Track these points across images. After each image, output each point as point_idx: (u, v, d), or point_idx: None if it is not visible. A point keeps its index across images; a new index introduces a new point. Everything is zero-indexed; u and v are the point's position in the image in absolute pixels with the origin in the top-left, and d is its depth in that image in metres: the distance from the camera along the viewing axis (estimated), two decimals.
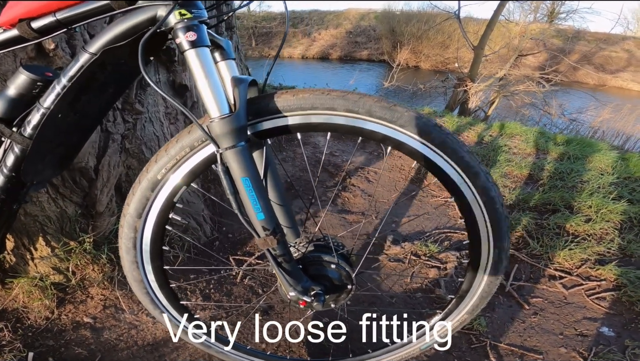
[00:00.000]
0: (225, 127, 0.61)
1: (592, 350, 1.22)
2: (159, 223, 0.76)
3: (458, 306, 0.91)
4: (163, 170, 0.70)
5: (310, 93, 0.67)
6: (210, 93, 0.62)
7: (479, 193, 0.71)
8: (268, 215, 0.67)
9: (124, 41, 0.65)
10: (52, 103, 0.70)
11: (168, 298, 0.91)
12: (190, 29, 0.60)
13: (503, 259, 0.80)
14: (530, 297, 1.43)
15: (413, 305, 1.38)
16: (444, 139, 0.68)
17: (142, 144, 1.40)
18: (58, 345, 1.18)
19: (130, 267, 0.82)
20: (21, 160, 0.76)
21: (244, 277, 1.47)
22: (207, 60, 0.62)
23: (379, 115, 0.67)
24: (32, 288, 1.26)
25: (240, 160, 0.63)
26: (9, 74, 1.01)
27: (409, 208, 1.96)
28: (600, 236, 1.74)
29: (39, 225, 1.19)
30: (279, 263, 0.72)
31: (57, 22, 0.65)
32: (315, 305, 0.78)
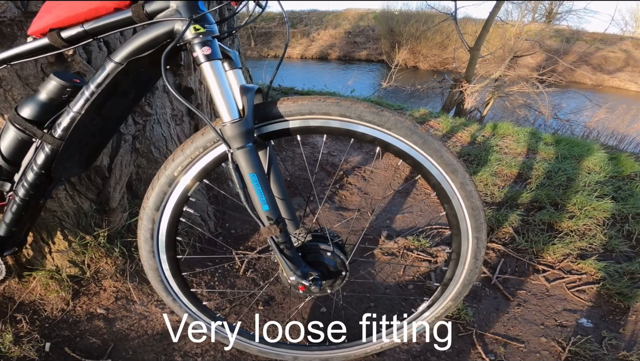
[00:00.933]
0: (235, 130, 0.71)
1: (571, 340, 1.30)
2: (175, 216, 0.85)
3: (443, 294, 1.00)
4: (179, 168, 0.79)
5: (308, 100, 0.76)
6: (222, 100, 0.71)
7: (457, 188, 0.81)
8: (272, 206, 0.77)
9: (146, 52, 0.73)
10: (81, 107, 0.78)
11: (180, 286, 1.00)
12: (205, 44, 0.70)
13: (481, 248, 0.89)
14: (515, 289, 1.52)
15: (405, 295, 1.47)
16: (425, 140, 0.77)
17: (151, 144, 1.49)
18: (73, 335, 1.25)
19: (148, 255, 0.91)
20: (51, 158, 0.84)
21: (246, 270, 1.56)
22: (220, 71, 0.71)
23: (369, 119, 0.76)
24: (49, 280, 1.34)
25: (249, 159, 0.73)
26: (30, 78, 1.09)
27: (403, 205, 2.06)
28: (583, 232, 1.84)
29: (57, 220, 1.28)
30: (281, 249, 0.81)
31: (84, 32, 0.73)
32: (313, 289, 0.87)
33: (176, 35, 0.70)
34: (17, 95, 1.09)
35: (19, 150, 0.88)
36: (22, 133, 0.85)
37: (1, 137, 0.87)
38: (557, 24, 11.28)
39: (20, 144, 0.87)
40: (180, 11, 0.69)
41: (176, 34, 0.70)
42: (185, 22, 0.68)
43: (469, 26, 12.32)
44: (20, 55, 0.80)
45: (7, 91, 1.08)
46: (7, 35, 1.03)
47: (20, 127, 0.84)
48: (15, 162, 0.90)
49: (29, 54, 0.80)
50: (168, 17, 0.69)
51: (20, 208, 0.95)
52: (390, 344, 1.11)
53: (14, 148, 0.88)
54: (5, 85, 1.07)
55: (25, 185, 0.90)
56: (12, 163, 0.90)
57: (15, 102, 1.09)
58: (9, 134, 0.86)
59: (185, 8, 0.69)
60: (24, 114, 0.84)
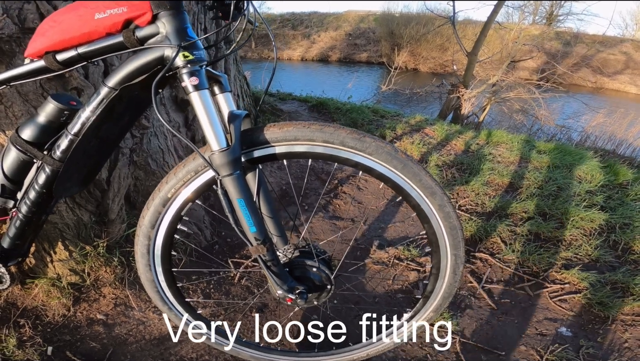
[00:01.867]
0: (223, 159, 0.75)
1: (549, 348, 1.34)
2: (169, 233, 0.91)
3: (424, 306, 1.05)
4: (172, 190, 0.84)
5: (293, 126, 0.81)
6: (210, 129, 0.76)
7: (436, 210, 0.86)
8: (259, 228, 0.81)
9: (138, 78, 0.76)
10: (78, 131, 0.82)
11: (175, 296, 1.05)
12: (193, 74, 0.73)
13: (459, 264, 0.94)
14: (499, 299, 1.57)
15: (394, 304, 1.52)
16: (405, 164, 0.82)
17: (148, 157, 1.54)
18: (74, 340, 1.29)
19: (144, 269, 0.96)
20: (52, 179, 0.89)
21: (241, 278, 1.61)
22: (207, 101, 0.75)
23: (351, 145, 0.81)
24: (50, 287, 1.38)
25: (236, 185, 0.77)
26: (30, 94, 1.13)
27: (396, 215, 2.10)
28: (569, 242, 1.89)
29: (58, 232, 1.33)
30: (268, 266, 0.86)
31: (78, 55, 0.76)
32: (299, 302, 0.92)
33: (166, 61, 0.73)
34: (18, 111, 1.12)
35: (20, 170, 0.93)
36: (23, 154, 0.89)
37: (4, 157, 0.91)
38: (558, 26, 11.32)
39: (21, 164, 0.91)
40: (169, 38, 0.71)
41: (166, 60, 0.73)
42: (175, 49, 0.71)
43: (469, 29, 12.37)
44: (18, 76, 0.83)
45: (8, 108, 1.11)
46: (6, 52, 1.05)
47: (21, 148, 0.88)
48: (17, 181, 0.94)
49: (27, 76, 0.82)
50: (158, 43, 0.72)
51: (24, 223, 1.00)
52: (375, 352, 1.16)
53: (16, 168, 0.92)
54: (5, 102, 1.10)
55: (28, 203, 0.94)
56: (14, 182, 0.94)
57: (15, 118, 1.13)
58: (11, 155, 0.90)
59: (175, 35, 0.71)
60: (24, 136, 0.88)
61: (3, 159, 0.91)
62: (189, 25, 0.75)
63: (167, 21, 0.72)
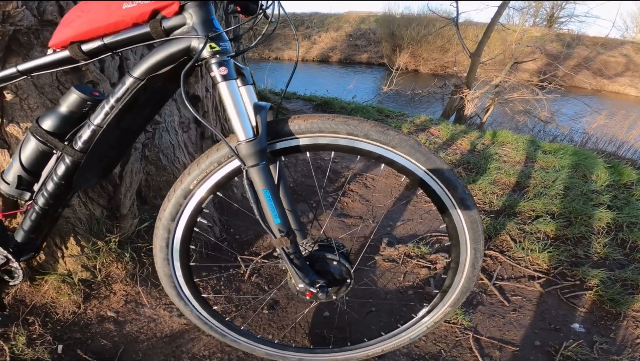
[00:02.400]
0: (250, 149, 0.75)
1: (563, 344, 1.35)
2: (189, 226, 0.90)
3: (442, 300, 1.04)
4: (195, 181, 0.84)
5: (318, 118, 0.81)
6: (238, 120, 0.75)
7: (457, 203, 0.86)
8: (283, 219, 0.81)
9: (164, 68, 0.76)
10: (102, 121, 0.81)
11: (191, 291, 1.04)
12: (222, 64, 0.73)
13: (479, 258, 0.94)
14: (510, 295, 1.57)
15: (405, 300, 1.52)
16: (428, 157, 0.82)
17: (160, 152, 1.54)
18: (85, 338, 1.28)
19: (162, 263, 0.96)
20: (72, 170, 0.87)
21: (251, 275, 1.61)
22: (235, 91, 0.75)
23: (375, 138, 0.81)
24: (60, 284, 1.37)
25: (262, 176, 0.77)
26: (46, 87, 1.13)
27: (404, 213, 2.10)
28: (578, 240, 1.89)
29: (70, 226, 1.32)
30: (291, 259, 0.86)
31: (104, 46, 0.75)
32: (319, 296, 0.92)
33: (192, 52, 0.73)
34: (33, 104, 1.12)
35: (39, 161, 0.91)
36: (43, 145, 0.87)
37: (22, 148, 0.90)
38: (558, 28, 11.37)
39: (41, 155, 0.90)
40: (196, 29, 0.71)
41: (192, 50, 0.73)
42: (202, 40, 0.71)
43: (470, 30, 12.41)
44: (42, 67, 0.83)
45: (23, 100, 1.11)
46: (24, 44, 1.06)
47: (41, 138, 0.86)
48: (35, 172, 0.93)
49: (50, 66, 0.82)
50: (185, 34, 0.72)
51: (39, 216, 0.99)
52: (391, 347, 1.16)
53: (34, 159, 0.90)
54: (21, 94, 1.10)
55: (45, 195, 0.93)
56: (32, 173, 0.93)
57: (30, 110, 1.13)
58: (30, 145, 0.89)
59: (202, 26, 0.71)
60: (45, 126, 0.86)
61: (21, 150, 0.90)
62: (215, 17, 0.75)
63: (194, 12, 0.71)
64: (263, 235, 1.82)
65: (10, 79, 0.86)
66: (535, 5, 9.94)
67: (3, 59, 1.04)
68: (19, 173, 0.92)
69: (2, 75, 0.86)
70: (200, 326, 1.11)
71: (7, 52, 1.04)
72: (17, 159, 0.91)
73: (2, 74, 0.86)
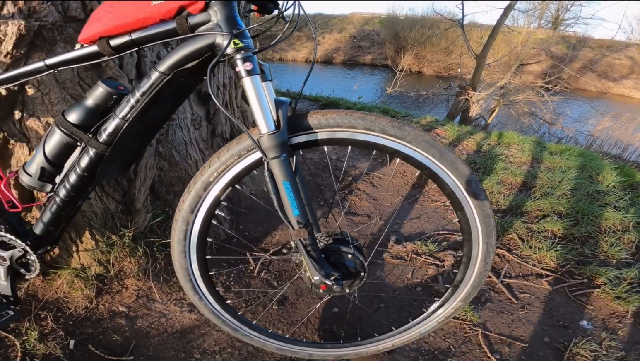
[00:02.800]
0: (272, 142, 0.78)
1: (572, 340, 1.36)
2: (207, 218, 0.92)
3: (453, 295, 1.06)
4: (215, 173, 0.86)
5: (336, 114, 0.83)
6: (261, 113, 0.78)
7: (470, 197, 0.87)
8: (302, 211, 0.83)
9: (189, 63, 0.78)
10: (127, 114, 0.83)
11: (206, 285, 1.05)
12: (247, 59, 0.75)
13: (491, 253, 0.95)
14: (518, 293, 1.58)
15: (414, 297, 1.53)
16: (442, 153, 0.84)
17: (173, 148, 1.56)
18: (97, 333, 1.29)
19: (179, 255, 0.98)
20: (95, 162, 0.90)
21: (260, 271, 1.63)
22: (259, 86, 0.78)
23: (391, 133, 0.83)
24: (74, 278, 1.38)
25: (282, 168, 0.79)
26: (67, 82, 1.15)
27: (411, 211, 2.12)
28: (585, 239, 1.90)
29: (86, 220, 1.35)
30: (308, 251, 0.88)
31: (131, 41, 0.78)
32: (334, 288, 0.94)
33: (216, 48, 0.76)
34: (54, 98, 1.15)
35: (63, 153, 0.93)
36: (68, 137, 0.90)
37: (46, 140, 0.92)
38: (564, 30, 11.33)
39: (65, 147, 0.92)
40: (221, 25, 0.74)
41: (217, 47, 0.75)
42: (226, 37, 0.73)
43: (475, 32, 12.38)
44: (69, 61, 0.85)
45: (45, 95, 1.14)
46: (48, 39, 1.08)
47: (66, 131, 0.89)
48: (58, 164, 0.95)
49: (78, 60, 0.84)
50: (210, 30, 0.75)
51: (60, 208, 1.01)
52: (401, 342, 1.17)
53: (58, 151, 0.92)
54: (43, 89, 1.13)
55: (67, 187, 0.95)
56: (55, 165, 0.95)
57: (51, 105, 1.15)
58: (55, 137, 0.91)
59: (226, 23, 0.74)
60: (70, 119, 0.88)
61: (45, 142, 0.92)
62: (238, 14, 0.77)
63: (219, 9, 0.74)
64: (272, 231, 1.84)
65: (37, 72, 0.89)
66: (540, 7, 9.93)
67: (27, 54, 1.06)
68: (42, 165, 0.94)
69: (30, 69, 0.88)
70: (213, 321, 1.12)
71: (31, 47, 1.07)
72: (41, 151, 0.93)
73: (30, 68, 0.88)
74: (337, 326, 1.38)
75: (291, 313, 1.44)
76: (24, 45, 1.04)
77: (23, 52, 1.05)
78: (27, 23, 1.01)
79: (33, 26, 1.03)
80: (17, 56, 1.04)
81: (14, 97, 1.12)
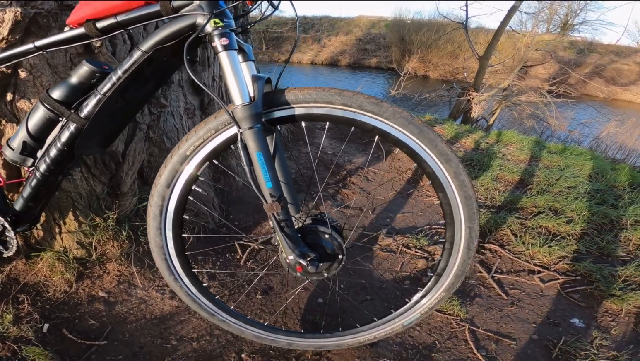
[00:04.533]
0: (245, 112, 0.77)
1: (562, 338, 1.32)
2: (184, 193, 0.91)
3: (436, 284, 1.03)
4: (192, 147, 0.85)
5: (313, 90, 0.82)
6: (236, 85, 0.78)
7: (451, 177, 0.85)
8: (275, 184, 0.82)
9: (170, 42, 0.80)
10: (108, 90, 0.85)
11: (182, 266, 1.03)
12: (223, 35, 0.77)
13: (474, 238, 0.93)
14: (509, 288, 1.55)
15: (401, 290, 1.51)
16: (421, 130, 0.82)
17: (164, 134, 1.56)
18: (73, 317, 1.28)
19: (155, 233, 0.96)
20: (75, 136, 0.91)
21: (247, 260, 1.61)
22: (234, 60, 0.78)
23: (369, 109, 0.81)
24: (55, 261, 1.38)
25: (256, 139, 0.79)
26: (59, 66, 1.17)
27: (404, 206, 2.10)
28: (580, 236, 1.86)
29: (70, 201, 1.34)
30: (282, 227, 0.86)
31: (117, 23, 0.81)
32: (309, 269, 0.91)
33: (197, 28, 0.77)
34: (46, 82, 1.16)
35: (45, 128, 0.95)
36: (51, 112, 0.92)
37: (30, 116, 0.94)
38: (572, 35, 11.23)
39: (47, 122, 0.94)
40: (202, 7, 0.76)
41: (198, 27, 0.77)
42: (207, 17, 0.75)
43: (481, 35, 12.35)
44: (57, 42, 0.87)
45: (37, 78, 1.16)
46: (42, 25, 1.10)
47: (49, 106, 0.91)
48: (40, 138, 0.97)
49: (65, 42, 0.87)
50: (192, 11, 0.77)
51: (40, 183, 1.01)
52: (383, 334, 1.13)
53: (40, 126, 0.94)
54: (35, 72, 1.15)
55: (47, 161, 0.96)
56: (37, 140, 0.96)
57: (43, 88, 1.17)
58: (38, 113, 0.93)
59: (207, 4, 0.76)
60: (54, 95, 0.91)
61: (29, 118, 0.94)
62: None
63: None
64: (262, 222, 1.83)
65: (27, 54, 0.91)
66: (549, 11, 9.87)
67: (21, 40, 1.08)
68: (24, 140, 0.96)
69: (20, 50, 0.91)
70: (189, 304, 1.09)
71: (25, 33, 1.09)
72: (24, 126, 0.95)
73: (20, 49, 0.91)
74: (321, 317, 1.36)
75: (275, 302, 1.41)
76: (19, 31, 1.06)
77: (18, 37, 1.07)
78: (24, 10, 1.04)
79: (29, 13, 1.05)
80: (12, 41, 1.07)
81: (6, 79, 1.15)
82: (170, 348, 1.21)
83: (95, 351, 1.18)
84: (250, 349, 1.22)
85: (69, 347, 1.18)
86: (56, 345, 1.18)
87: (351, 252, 1.63)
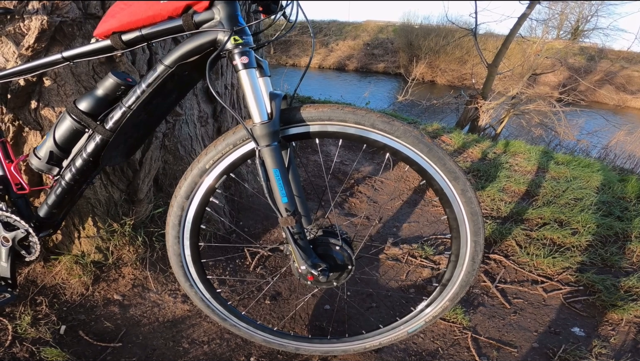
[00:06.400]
0: (264, 130, 0.82)
1: (562, 347, 1.35)
2: (202, 204, 0.96)
3: (441, 294, 1.07)
4: (211, 161, 0.90)
5: (328, 107, 0.86)
6: (255, 104, 0.82)
7: (458, 194, 0.89)
8: (290, 199, 0.87)
9: (192, 57, 0.84)
10: (132, 103, 0.89)
11: (198, 273, 1.08)
12: (244, 54, 0.81)
13: (478, 251, 0.96)
14: (512, 298, 1.58)
15: (406, 299, 1.54)
16: (430, 148, 0.86)
17: (178, 142, 1.61)
18: (89, 319, 1.32)
19: (173, 241, 1.01)
20: (100, 147, 0.95)
21: (256, 266, 1.65)
22: (254, 78, 0.82)
23: (381, 128, 0.86)
24: (73, 264, 1.43)
25: (273, 156, 0.83)
26: (82, 75, 1.22)
27: (411, 215, 2.13)
28: (585, 247, 1.89)
29: (90, 207, 1.40)
30: (295, 240, 0.91)
31: (141, 36, 0.85)
32: (320, 278, 0.96)
33: (218, 44, 0.81)
34: (69, 90, 1.21)
35: (71, 139, 0.99)
36: (78, 123, 0.96)
37: (57, 126, 0.99)
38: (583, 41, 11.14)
39: (73, 133, 0.98)
40: (223, 23, 0.80)
41: (218, 43, 0.81)
42: (227, 33, 0.79)
43: (490, 42, 12.32)
44: (85, 54, 0.91)
45: (61, 86, 1.21)
46: (68, 34, 1.15)
47: (76, 118, 0.95)
48: (66, 148, 1.01)
49: (92, 53, 0.91)
50: (212, 27, 0.80)
51: (64, 191, 1.06)
52: (388, 341, 1.17)
53: (67, 136, 0.99)
54: (59, 81, 1.20)
55: (73, 170, 1.01)
56: (63, 150, 1.01)
57: (66, 96, 1.22)
58: (65, 124, 0.97)
59: (228, 21, 0.80)
60: (81, 107, 0.95)
61: (56, 128, 0.98)
62: (240, 13, 0.82)
63: (222, 8, 0.79)
64: (271, 229, 1.87)
65: (55, 64, 0.95)
66: (560, 17, 9.82)
67: (47, 48, 1.13)
68: (51, 149, 1.01)
69: (48, 60, 0.95)
70: (203, 309, 1.14)
71: (51, 42, 1.14)
72: (51, 136, 0.99)
73: (48, 60, 0.95)
74: (328, 323, 1.40)
75: (283, 308, 1.45)
76: (45, 39, 1.11)
77: (44, 45, 1.12)
78: (50, 18, 1.09)
79: (55, 22, 1.10)
80: (38, 49, 1.11)
81: (31, 87, 1.19)
82: (182, 350, 1.25)
83: (110, 353, 1.22)
84: (259, 353, 1.26)
85: (85, 349, 1.22)
86: (73, 346, 1.22)
87: (359, 262, 1.67)
